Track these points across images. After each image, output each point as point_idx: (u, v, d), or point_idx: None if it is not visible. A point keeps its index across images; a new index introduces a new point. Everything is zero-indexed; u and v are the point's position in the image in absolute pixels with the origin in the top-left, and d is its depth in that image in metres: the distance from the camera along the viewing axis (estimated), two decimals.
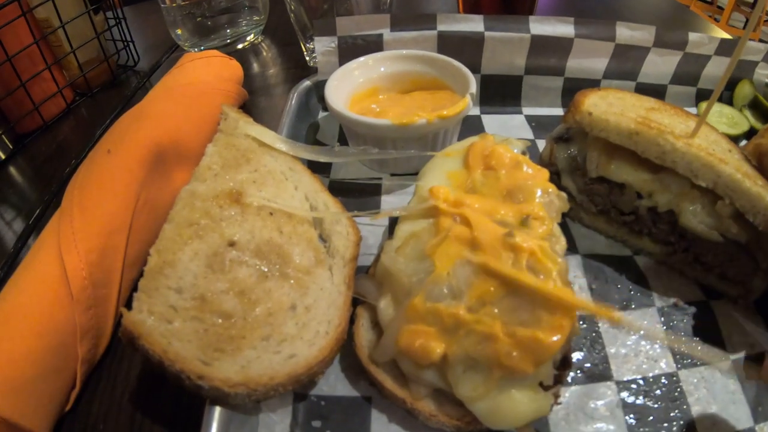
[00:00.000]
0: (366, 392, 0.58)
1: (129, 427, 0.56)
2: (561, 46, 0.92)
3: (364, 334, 0.59)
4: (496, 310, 0.51)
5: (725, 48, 1.00)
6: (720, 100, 1.08)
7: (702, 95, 1.06)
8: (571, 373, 0.63)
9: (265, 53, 1.27)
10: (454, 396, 0.52)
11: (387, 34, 0.90)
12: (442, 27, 0.90)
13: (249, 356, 0.49)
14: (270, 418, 0.52)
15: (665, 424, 0.59)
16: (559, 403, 0.60)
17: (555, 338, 0.50)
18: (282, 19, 1.28)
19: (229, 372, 0.46)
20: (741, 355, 0.69)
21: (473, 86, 0.80)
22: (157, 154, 0.79)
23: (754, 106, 1.05)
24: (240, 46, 1.25)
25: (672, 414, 0.60)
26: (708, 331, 0.71)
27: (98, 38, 1.07)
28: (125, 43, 1.18)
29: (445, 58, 0.86)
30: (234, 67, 1.02)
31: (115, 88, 1.15)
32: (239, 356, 0.48)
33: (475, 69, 0.93)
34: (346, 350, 0.59)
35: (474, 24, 0.90)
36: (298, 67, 1.17)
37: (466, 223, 0.58)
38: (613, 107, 0.72)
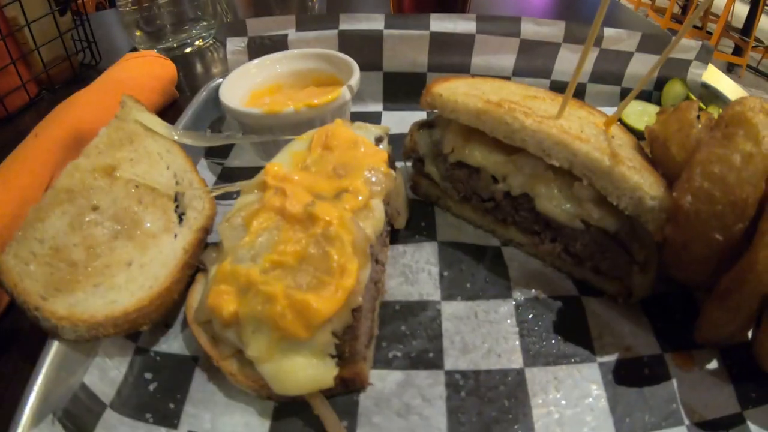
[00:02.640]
0: (196, 352, 0.59)
1: None
2: (463, 43, 0.90)
3: (196, 296, 0.59)
4: (284, 274, 0.51)
5: (648, 44, 0.94)
6: (649, 99, 1.00)
7: (626, 94, 0.98)
8: (397, 354, 0.58)
9: (210, 56, 1.33)
10: None
11: (292, 34, 0.92)
12: (343, 26, 0.91)
13: (78, 297, 0.55)
14: (105, 363, 0.55)
15: (497, 424, 0.53)
16: (370, 384, 0.56)
17: (325, 305, 0.47)
18: None
19: (58, 307, 0.53)
20: (612, 357, 0.61)
21: (354, 78, 0.80)
22: (75, 138, 0.87)
23: None
24: (188, 50, 1.32)
25: (508, 415, 0.54)
26: (574, 328, 0.64)
27: (62, 38, 1.14)
28: (88, 44, 1.25)
29: (335, 54, 0.86)
30: (167, 67, 1.08)
31: (76, 85, 1.20)
32: (71, 297, 0.55)
33: (377, 67, 0.92)
34: None
35: (374, 23, 0.90)
36: None
37: (283, 195, 0.57)
38: (474, 90, 0.69)
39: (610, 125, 0.70)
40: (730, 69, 4.52)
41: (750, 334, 0.60)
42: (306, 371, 0.49)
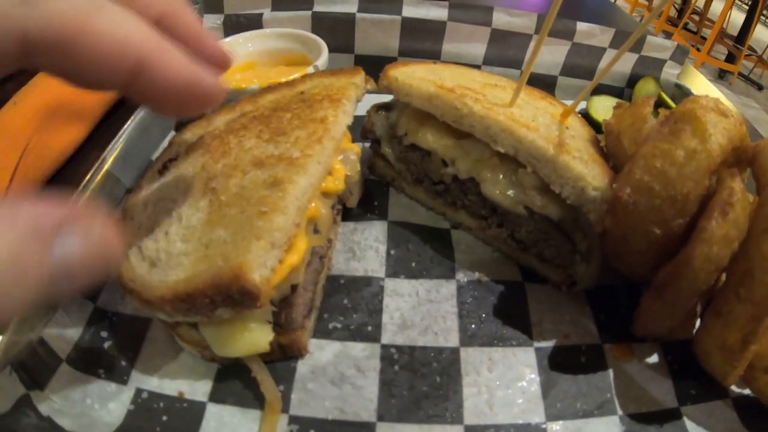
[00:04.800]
0: (150, 315, 0.58)
1: None
2: (434, 29, 0.89)
3: None
4: None
5: (622, 41, 0.93)
6: (621, 96, 1.00)
7: (597, 90, 0.97)
8: (337, 326, 0.59)
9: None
10: None
11: (267, 13, 0.91)
12: (317, 8, 0.90)
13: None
14: (65, 320, 0.56)
15: (427, 399, 0.54)
16: (308, 353, 0.57)
17: None
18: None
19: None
20: (550, 344, 0.62)
21: (321, 59, 0.80)
22: (54, 108, 0.87)
23: (657, 105, 0.96)
24: None
25: (439, 391, 0.55)
26: (515, 312, 0.64)
27: None
28: None
29: (306, 34, 0.86)
30: None
31: None
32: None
33: (348, 49, 0.92)
34: None
35: (348, 6, 0.90)
36: None
37: None
38: (431, 75, 0.69)
39: (566, 116, 0.70)
40: (721, 75, 4.48)
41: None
42: (244, 335, 0.50)
